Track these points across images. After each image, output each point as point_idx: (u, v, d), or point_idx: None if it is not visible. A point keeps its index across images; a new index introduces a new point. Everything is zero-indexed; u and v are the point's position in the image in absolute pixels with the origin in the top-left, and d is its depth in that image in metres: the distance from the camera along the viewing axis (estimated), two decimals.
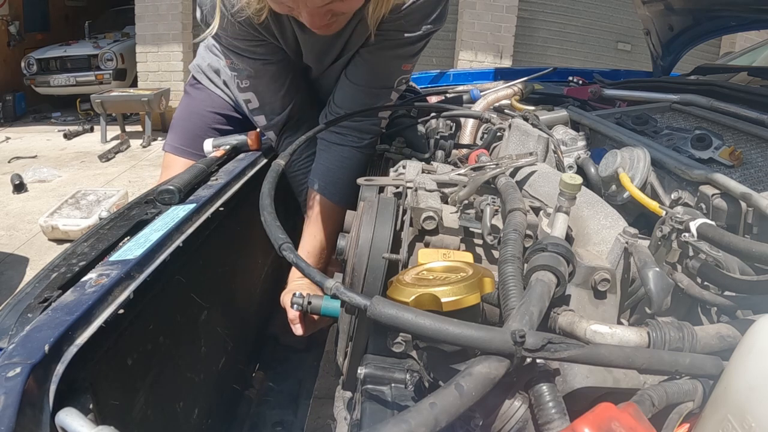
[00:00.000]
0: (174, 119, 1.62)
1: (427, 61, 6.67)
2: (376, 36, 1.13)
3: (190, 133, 1.53)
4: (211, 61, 1.52)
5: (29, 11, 8.62)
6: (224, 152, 1.33)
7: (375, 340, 0.73)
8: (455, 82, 2.31)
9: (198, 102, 1.56)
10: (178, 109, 1.63)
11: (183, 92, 1.66)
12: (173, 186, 1.03)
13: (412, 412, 0.43)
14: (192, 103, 1.58)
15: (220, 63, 1.46)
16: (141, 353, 0.81)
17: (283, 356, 1.48)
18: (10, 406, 0.51)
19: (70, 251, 0.80)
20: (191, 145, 1.52)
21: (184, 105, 1.61)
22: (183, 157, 1.52)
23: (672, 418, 0.53)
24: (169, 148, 1.57)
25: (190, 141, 1.52)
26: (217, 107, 1.55)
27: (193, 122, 1.55)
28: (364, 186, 0.98)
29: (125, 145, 6.03)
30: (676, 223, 0.74)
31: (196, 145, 1.50)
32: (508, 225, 0.68)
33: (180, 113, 1.61)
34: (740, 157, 1.03)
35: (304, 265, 0.61)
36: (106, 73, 7.50)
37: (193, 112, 1.56)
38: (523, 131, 1.14)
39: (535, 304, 0.53)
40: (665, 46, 2.16)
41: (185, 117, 1.58)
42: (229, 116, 1.55)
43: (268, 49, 1.18)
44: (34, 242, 3.64)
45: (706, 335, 0.58)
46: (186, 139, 1.54)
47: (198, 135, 1.50)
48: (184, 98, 1.62)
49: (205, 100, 1.55)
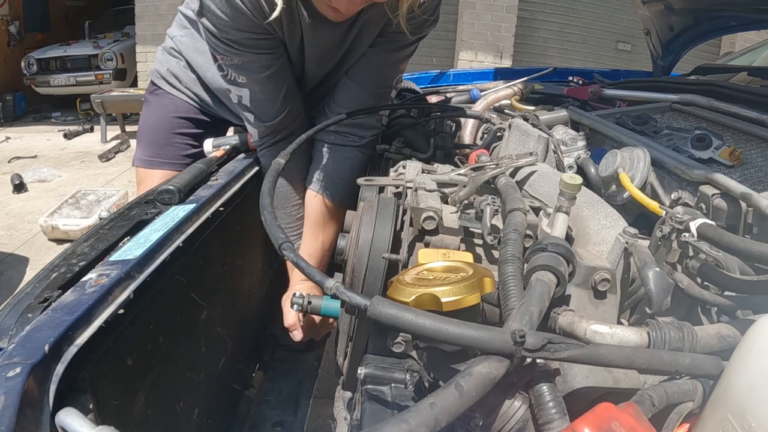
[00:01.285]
0: (139, 131, 1.53)
1: (427, 61, 6.67)
2: (381, 37, 1.13)
3: (157, 143, 1.47)
4: (170, 65, 1.45)
5: (29, 11, 8.62)
6: (224, 152, 1.33)
7: (375, 340, 0.73)
8: (455, 82, 2.31)
9: (160, 109, 1.48)
10: (141, 119, 1.53)
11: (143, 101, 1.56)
12: (173, 186, 1.03)
13: (412, 412, 0.43)
14: (155, 112, 1.50)
15: (180, 65, 1.41)
16: (141, 353, 0.81)
17: (283, 356, 1.48)
18: (10, 406, 0.51)
19: (70, 251, 0.80)
20: (160, 155, 1.46)
21: (147, 114, 1.52)
22: (155, 169, 1.46)
23: (672, 418, 0.53)
24: (139, 163, 1.49)
25: (159, 151, 1.46)
26: (182, 111, 1.47)
27: (159, 131, 1.48)
28: (364, 186, 0.98)
29: (125, 145, 6.03)
30: (676, 223, 0.74)
31: (166, 154, 1.45)
32: (508, 225, 0.68)
33: (143, 123, 1.52)
34: (740, 157, 1.03)
35: (304, 264, 0.61)
36: (106, 73, 7.50)
37: (157, 122, 1.49)
38: (523, 131, 1.14)
39: (535, 304, 0.53)
40: (665, 46, 2.16)
41: (150, 127, 1.50)
42: (195, 119, 1.48)
43: (272, 44, 1.13)
44: (34, 242, 3.64)
45: (706, 335, 0.58)
46: (154, 149, 1.47)
47: (166, 143, 1.45)
48: (145, 107, 1.52)
49: (167, 105, 1.47)
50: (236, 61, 1.13)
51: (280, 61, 1.18)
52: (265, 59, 1.14)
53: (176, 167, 1.43)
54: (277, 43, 1.14)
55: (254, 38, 1.09)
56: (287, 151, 1.00)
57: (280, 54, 1.17)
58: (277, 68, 1.17)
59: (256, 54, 1.12)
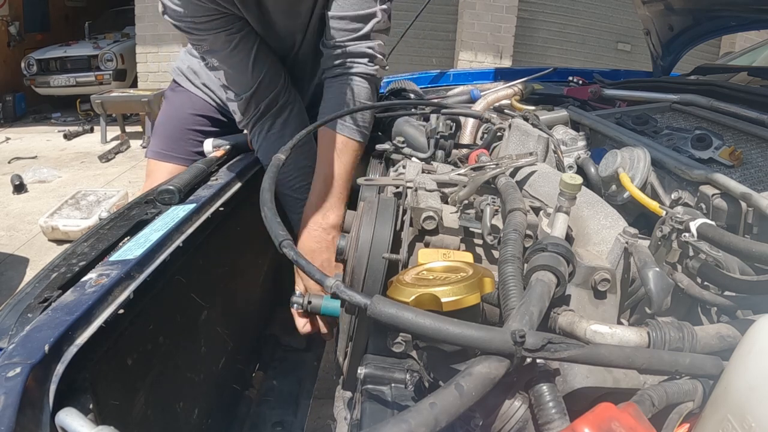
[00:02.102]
0: (156, 125, 1.59)
1: (427, 61, 6.68)
2: None
3: (171, 137, 1.50)
4: (191, 63, 1.49)
5: (29, 11, 8.62)
6: (224, 152, 1.33)
7: (375, 340, 0.73)
8: (455, 82, 2.31)
9: (178, 105, 1.52)
10: (159, 114, 1.60)
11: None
12: (173, 186, 1.03)
13: (412, 412, 0.43)
14: (172, 107, 1.54)
15: (201, 64, 1.42)
16: (141, 353, 0.81)
17: (283, 356, 1.48)
18: (10, 406, 0.51)
19: (70, 251, 0.80)
20: (174, 149, 1.49)
21: (165, 109, 1.57)
22: (166, 162, 1.49)
23: (672, 418, 0.53)
24: (151, 154, 1.53)
25: (173, 145, 1.49)
26: (198, 109, 1.51)
27: (173, 126, 1.51)
28: (364, 186, 0.98)
29: (125, 146, 6.04)
30: (676, 223, 0.74)
31: (179, 149, 1.47)
32: (508, 225, 0.68)
33: (161, 118, 1.57)
34: (740, 157, 1.03)
35: (304, 262, 0.61)
36: (106, 73, 7.50)
37: (173, 116, 1.53)
38: (523, 131, 1.14)
39: (535, 304, 0.53)
40: (665, 46, 2.16)
41: (166, 121, 1.55)
42: (211, 118, 1.52)
43: (228, 21, 1.16)
44: (34, 243, 3.65)
45: (706, 335, 0.58)
46: (168, 143, 1.50)
47: (180, 138, 1.47)
48: (165, 103, 1.58)
49: (185, 102, 1.51)
50: (205, 47, 1.19)
51: (241, 34, 1.20)
52: (224, 36, 1.17)
53: (187, 162, 1.44)
54: (232, 20, 1.17)
55: (209, 20, 1.14)
56: (287, 147, 0.98)
57: (238, 28, 1.19)
58: (237, 41, 1.19)
59: (215, 34, 1.16)
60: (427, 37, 6.84)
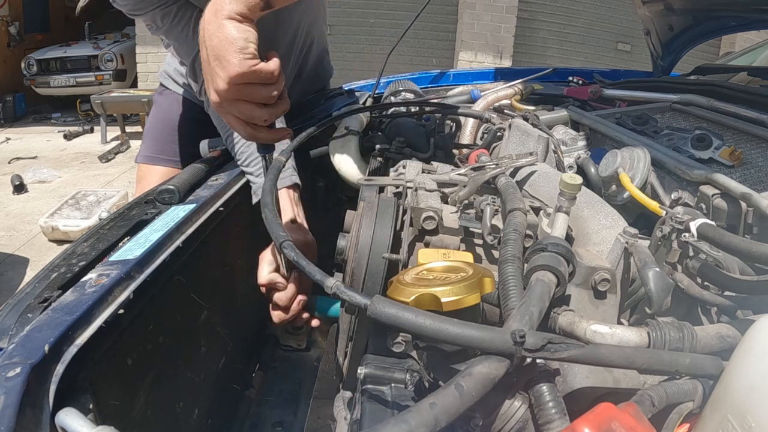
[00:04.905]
0: (145, 130, 1.58)
1: (427, 61, 6.69)
2: None
3: (160, 140, 1.50)
4: (176, 65, 1.48)
5: (29, 12, 8.62)
6: (220, 153, 1.32)
7: (375, 340, 0.73)
8: (455, 83, 2.31)
9: (166, 108, 1.52)
10: (148, 119, 1.59)
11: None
12: (173, 186, 1.03)
13: (412, 412, 0.43)
14: (161, 111, 1.53)
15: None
16: (141, 353, 0.81)
17: (283, 356, 1.48)
18: (10, 406, 0.51)
19: (70, 251, 0.80)
20: (163, 151, 1.48)
21: (153, 114, 1.56)
22: (157, 165, 1.49)
23: (672, 418, 0.53)
24: (141, 159, 1.53)
25: (162, 148, 1.49)
26: (187, 110, 1.50)
27: (163, 129, 1.51)
28: (364, 186, 0.98)
29: (125, 146, 6.04)
30: (676, 223, 0.74)
31: (169, 151, 1.47)
32: (508, 225, 0.68)
33: (150, 123, 1.57)
34: (740, 157, 1.03)
35: (304, 263, 0.61)
36: (106, 73, 7.51)
37: (162, 119, 1.52)
38: (523, 131, 1.14)
39: (535, 304, 0.53)
40: (665, 46, 2.15)
41: (154, 125, 1.55)
42: (200, 118, 1.48)
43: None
44: (35, 243, 3.65)
45: (706, 335, 0.58)
46: (157, 146, 1.50)
47: (170, 140, 1.47)
48: (153, 108, 1.58)
49: (172, 104, 1.51)
50: (153, 27, 1.19)
51: (177, 4, 1.18)
52: (161, 11, 1.16)
53: (177, 165, 1.43)
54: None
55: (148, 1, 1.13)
56: (288, 149, 0.99)
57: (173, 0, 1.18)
58: (175, 11, 1.18)
59: (152, 11, 1.16)
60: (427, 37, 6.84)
